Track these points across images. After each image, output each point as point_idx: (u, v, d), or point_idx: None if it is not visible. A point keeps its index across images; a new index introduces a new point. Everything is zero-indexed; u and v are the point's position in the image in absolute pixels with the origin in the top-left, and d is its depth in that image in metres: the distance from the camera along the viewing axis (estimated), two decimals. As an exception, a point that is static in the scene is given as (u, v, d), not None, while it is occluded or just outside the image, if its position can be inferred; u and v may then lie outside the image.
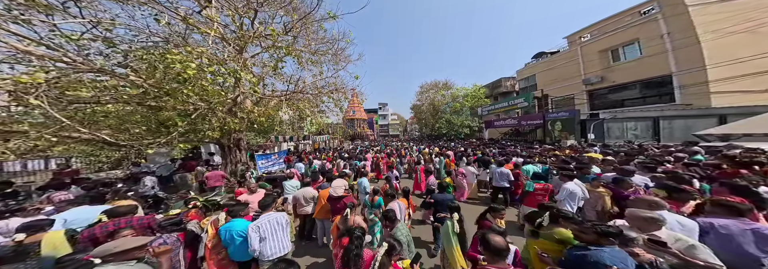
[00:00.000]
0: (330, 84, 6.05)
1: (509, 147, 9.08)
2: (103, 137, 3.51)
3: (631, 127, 10.91)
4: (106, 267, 1.33)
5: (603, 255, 1.42)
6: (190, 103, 3.98)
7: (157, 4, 3.83)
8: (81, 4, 3.62)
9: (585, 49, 13.61)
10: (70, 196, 3.59)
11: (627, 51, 12.16)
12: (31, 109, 3.56)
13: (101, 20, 3.60)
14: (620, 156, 4.90)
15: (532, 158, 5.65)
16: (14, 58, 3.59)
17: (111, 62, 4.05)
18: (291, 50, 4.60)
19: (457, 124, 21.49)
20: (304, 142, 14.00)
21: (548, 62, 16.14)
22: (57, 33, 3.50)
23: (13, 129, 3.31)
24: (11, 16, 2.99)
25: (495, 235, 1.48)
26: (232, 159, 5.48)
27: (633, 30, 11.30)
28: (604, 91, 13.11)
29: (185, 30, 4.39)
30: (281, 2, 5.12)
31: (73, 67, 3.53)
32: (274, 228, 2.17)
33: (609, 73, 12.61)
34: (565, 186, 3.15)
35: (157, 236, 1.96)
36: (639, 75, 11.33)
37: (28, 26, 3.31)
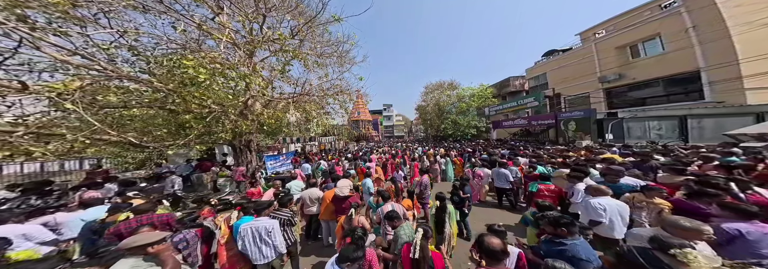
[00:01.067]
0: (335, 86, 6.18)
1: (520, 149, 8.81)
2: (130, 139, 3.78)
3: (654, 126, 10.27)
4: (128, 260, 1.45)
5: (577, 249, 1.53)
6: (204, 106, 4.20)
7: (174, 12, 4.10)
8: (109, 16, 3.95)
9: (600, 45, 13.02)
10: (99, 195, 3.90)
11: (647, 47, 11.51)
12: (68, 113, 3.91)
13: (127, 30, 3.91)
14: (636, 157, 4.63)
15: (539, 158, 5.45)
16: (54, 67, 3.98)
17: (135, 69, 4.37)
18: (297, 53, 4.76)
19: (463, 125, 21.14)
20: (311, 144, 14.30)
21: (560, 60, 15.54)
22: (90, 43, 3.82)
23: (53, 132, 3.63)
24: (51, 29, 3.30)
25: (491, 237, 1.44)
26: (243, 160, 5.71)
27: (654, 25, 10.70)
28: (623, 89, 12.44)
29: (200, 36, 4.66)
30: (288, 7, 5.30)
31: (104, 74, 3.84)
32: (254, 235, 2.15)
33: (628, 70, 11.96)
34: (578, 188, 3.04)
35: (178, 232, 2.10)
36: (662, 71, 10.67)
37: (65, 38, 3.64)
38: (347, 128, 19.33)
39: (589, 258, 1.49)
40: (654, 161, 4.09)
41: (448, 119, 22.46)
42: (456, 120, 21.68)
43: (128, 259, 1.46)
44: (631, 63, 11.93)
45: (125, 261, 1.46)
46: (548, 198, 3.22)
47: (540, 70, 17.55)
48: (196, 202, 3.37)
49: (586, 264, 1.47)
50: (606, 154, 5.42)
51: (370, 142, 25.16)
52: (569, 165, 4.32)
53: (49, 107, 3.99)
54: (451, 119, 22.12)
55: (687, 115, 9.26)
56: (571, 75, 14.41)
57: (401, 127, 49.20)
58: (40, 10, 3.18)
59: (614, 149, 6.67)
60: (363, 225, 2.26)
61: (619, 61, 12.27)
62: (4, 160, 3.29)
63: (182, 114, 4.53)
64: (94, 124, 3.18)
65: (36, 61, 3.86)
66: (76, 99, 3.09)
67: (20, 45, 3.14)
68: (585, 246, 1.58)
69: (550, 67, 16.34)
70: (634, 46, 11.90)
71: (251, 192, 3.64)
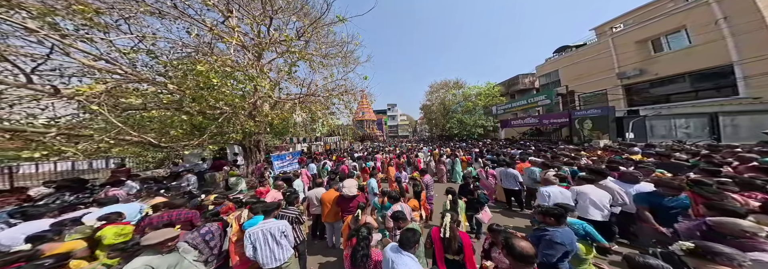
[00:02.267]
0: (339, 86, 6.23)
1: (530, 148, 8.50)
2: (149, 139, 3.97)
3: (681, 124, 9.62)
4: (140, 257, 1.53)
5: (556, 234, 1.73)
6: (216, 107, 4.36)
7: (188, 17, 4.27)
8: (129, 22, 4.17)
9: (618, 40, 12.33)
10: (123, 192, 4.15)
11: (671, 40, 10.78)
12: (94, 115, 4.17)
13: (146, 35, 4.12)
14: (658, 157, 4.34)
15: (554, 159, 5.20)
16: (82, 72, 4.25)
17: (153, 72, 4.59)
18: (303, 54, 4.83)
19: (469, 124, 20.60)
20: (316, 144, 14.49)
21: (574, 56, 14.83)
22: (112, 48, 4.05)
23: (81, 133, 3.89)
24: (78, 35, 3.53)
25: (520, 240, 1.39)
26: (252, 160, 5.89)
27: (679, 17, 10.01)
28: (644, 85, 11.73)
29: (211, 40, 4.83)
30: (294, 9, 5.40)
31: (125, 77, 4.07)
32: (266, 238, 2.06)
33: (650, 66, 11.27)
34: (580, 190, 2.85)
35: (203, 225, 2.24)
36: (689, 66, 9.96)
37: (91, 44, 3.88)
38: (352, 128, 19.45)
39: (564, 242, 1.70)
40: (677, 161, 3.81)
41: (454, 118, 22.03)
42: (462, 119, 21.22)
43: (150, 255, 1.54)
44: (654, 58, 11.21)
45: (143, 256, 1.54)
46: None
47: (551, 66, 16.85)
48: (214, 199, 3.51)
49: (559, 246, 1.68)
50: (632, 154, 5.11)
51: (375, 142, 25.15)
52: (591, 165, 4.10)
53: (78, 109, 4.27)
54: (457, 118, 21.68)
55: (718, 112, 8.60)
56: (586, 71, 13.74)
57: (405, 127, 49.05)
58: (68, 17, 3.40)
59: (636, 149, 6.29)
60: (369, 224, 2.26)
61: (640, 56, 11.58)
62: (40, 159, 3.56)
63: (196, 115, 4.72)
64: (117, 126, 3.36)
65: (66, 67, 4.15)
66: (101, 101, 3.29)
67: (52, 51, 3.38)
68: (565, 233, 1.78)
69: (563, 64, 15.66)
70: (656, 39, 11.18)
71: (260, 191, 3.73)
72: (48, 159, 3.67)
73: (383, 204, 2.93)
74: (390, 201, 2.68)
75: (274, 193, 3.31)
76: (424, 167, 6.45)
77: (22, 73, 3.00)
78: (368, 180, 4.04)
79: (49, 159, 4.55)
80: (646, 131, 9.94)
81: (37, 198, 4.08)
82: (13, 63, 2.88)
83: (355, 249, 1.70)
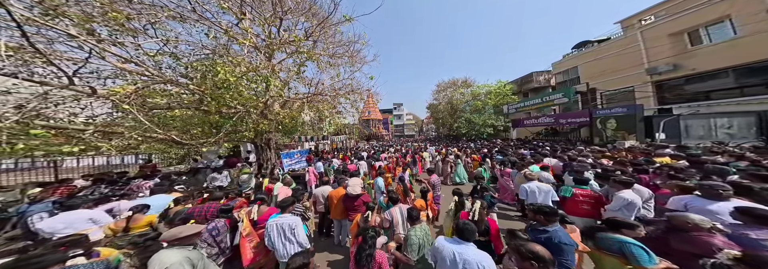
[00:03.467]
0: (346, 85, 6.27)
1: (545, 148, 8.07)
2: (173, 137, 4.24)
3: (722, 124, 8.73)
4: (171, 250, 1.61)
5: (559, 234, 1.73)
6: (231, 106, 4.57)
7: (206, 20, 4.51)
8: (155, 26, 4.47)
9: (648, 33, 11.36)
10: (151, 184, 4.50)
11: (712, 31, 9.78)
12: (126, 114, 4.52)
13: (169, 38, 4.39)
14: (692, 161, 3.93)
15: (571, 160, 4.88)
16: (115, 74, 4.63)
17: (176, 74, 4.89)
18: (311, 54, 4.93)
19: (478, 124, 19.90)
20: (323, 142, 14.76)
21: (596, 51, 13.84)
22: (140, 51, 4.37)
23: (114, 130, 4.23)
24: (111, 40, 3.84)
25: (533, 244, 1.41)
26: (263, 158, 6.11)
27: (722, 6, 9.05)
28: (678, 81, 10.74)
29: (227, 42, 5.07)
30: (302, 9, 5.51)
31: (152, 79, 4.37)
32: (279, 232, 2.20)
33: (686, 60, 10.30)
34: (621, 195, 2.69)
35: (210, 221, 2.34)
36: (735, 59, 8.92)
37: (123, 48, 4.21)
38: (358, 127, 19.56)
39: (571, 242, 1.71)
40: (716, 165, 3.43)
41: (462, 118, 21.40)
42: (470, 118, 20.53)
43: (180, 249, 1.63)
44: (691, 51, 10.23)
45: (176, 250, 1.62)
46: (586, 205, 2.90)
47: (570, 63, 15.85)
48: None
49: (568, 248, 1.67)
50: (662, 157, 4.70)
51: (381, 141, 25.15)
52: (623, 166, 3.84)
53: (112, 109, 4.66)
54: (465, 118, 21.02)
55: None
56: (609, 67, 12.81)
57: (412, 126, 48.73)
58: (103, 23, 3.70)
59: (668, 150, 5.77)
60: (379, 225, 2.27)
61: (674, 50, 10.61)
62: (79, 154, 3.93)
63: (214, 114, 4.98)
64: (145, 124, 3.62)
65: (101, 69, 4.53)
66: (131, 101, 3.55)
67: (90, 55, 3.70)
68: (564, 232, 1.79)
69: (584, 60, 14.69)
70: (694, 31, 10.19)
71: (269, 188, 3.85)
72: (86, 153, 4.03)
73: (388, 203, 2.92)
74: (390, 203, 2.67)
75: (284, 189, 3.40)
76: (431, 167, 6.37)
77: (65, 75, 3.31)
78: (376, 178, 4.05)
79: (87, 154, 5.00)
80: (679, 131, 9.11)
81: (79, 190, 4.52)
82: (58, 66, 3.18)
83: (361, 248, 1.72)
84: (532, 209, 1.95)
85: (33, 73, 3.60)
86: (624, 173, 3.46)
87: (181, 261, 1.52)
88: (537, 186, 3.08)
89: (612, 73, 12.67)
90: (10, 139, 2.82)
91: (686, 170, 3.41)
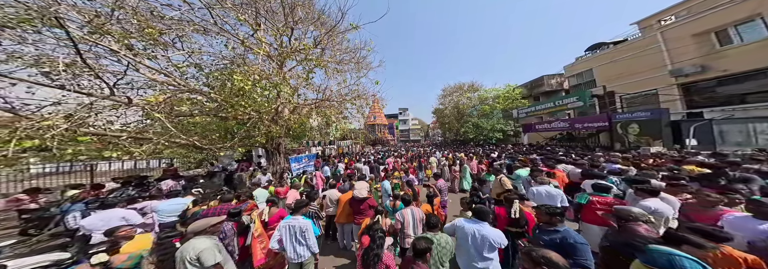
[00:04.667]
0: (353, 91, 6.45)
1: (559, 154, 7.68)
2: (194, 142, 4.55)
3: (763, 129, 7.97)
4: (200, 239, 1.77)
5: (571, 233, 1.77)
6: (246, 113, 4.85)
7: (226, 32, 4.93)
8: (182, 40, 4.93)
9: (669, 33, 10.81)
10: (172, 185, 4.82)
11: (743, 31, 9.16)
12: (154, 121, 4.93)
13: (194, 50, 4.82)
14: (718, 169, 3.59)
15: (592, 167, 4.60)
16: (147, 85, 5.10)
17: (199, 83, 5.31)
18: (319, 61, 5.18)
19: (486, 128, 19.34)
20: (330, 147, 15.01)
21: (612, 53, 13.24)
22: (169, 63, 4.81)
23: (144, 137, 4.62)
24: (146, 54, 4.28)
25: (547, 251, 1.36)
26: (274, 162, 6.34)
27: (751, 3, 8.51)
28: (709, 83, 10.00)
29: (244, 52, 5.45)
30: (312, 19, 5.85)
31: (179, 88, 4.77)
32: (291, 233, 2.25)
33: (715, 61, 9.64)
34: (645, 204, 2.53)
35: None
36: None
37: (155, 60, 4.66)
38: (364, 132, 19.71)
39: (584, 241, 1.72)
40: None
41: (469, 122, 20.91)
42: (478, 123, 20.04)
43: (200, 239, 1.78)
44: (719, 52, 9.59)
45: (205, 238, 1.79)
46: (604, 212, 2.75)
47: (584, 66, 15.24)
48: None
49: (583, 246, 1.65)
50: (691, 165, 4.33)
51: (386, 146, 25.10)
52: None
53: (142, 117, 5.10)
54: (473, 122, 20.52)
55: (816, 114, 6.98)
56: (627, 70, 12.19)
57: (417, 131, 48.31)
58: (140, 39, 4.16)
59: (700, 157, 5.33)
60: (389, 227, 2.29)
61: (700, 51, 9.98)
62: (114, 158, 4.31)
63: (230, 120, 5.30)
64: (171, 130, 3.94)
65: (136, 80, 5.02)
66: (161, 109, 3.90)
67: (128, 68, 4.14)
68: (574, 231, 1.82)
69: (599, 62, 14.08)
70: (721, 31, 9.60)
71: (278, 191, 3.97)
72: (120, 158, 4.41)
73: (395, 207, 2.93)
74: (403, 203, 2.67)
75: (292, 193, 3.51)
76: (437, 171, 6.29)
77: (107, 86, 3.72)
78: (382, 182, 4.07)
79: (121, 158, 5.45)
80: (713, 137, 8.40)
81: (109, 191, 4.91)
82: (102, 79, 3.59)
83: (369, 248, 1.74)
84: (544, 211, 1.97)
85: (79, 85, 4.05)
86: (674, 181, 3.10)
87: (210, 247, 1.72)
88: (546, 190, 3.11)
89: (631, 76, 12.04)
90: (60, 145, 3.16)
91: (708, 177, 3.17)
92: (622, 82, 12.33)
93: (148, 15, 4.27)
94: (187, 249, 1.68)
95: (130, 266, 1.78)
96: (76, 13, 3.47)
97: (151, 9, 4.30)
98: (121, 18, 4.00)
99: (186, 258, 1.64)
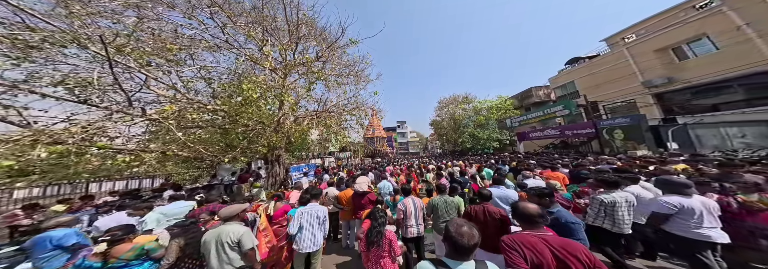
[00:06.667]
0: (352, 103, 6.82)
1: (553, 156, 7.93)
2: (200, 150, 4.70)
3: (734, 133, 8.54)
4: (233, 224, 1.88)
5: (564, 214, 1.87)
6: (249, 125, 5.09)
7: (235, 48, 5.44)
8: (194, 57, 5.38)
9: (634, 49, 12.15)
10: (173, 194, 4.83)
11: (695, 47, 10.42)
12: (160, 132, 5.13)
13: (203, 66, 5.25)
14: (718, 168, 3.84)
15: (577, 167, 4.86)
16: (156, 100, 5.42)
17: (207, 95, 5.66)
18: (320, 74, 5.63)
19: (483, 138, 19.91)
20: (328, 160, 14.99)
21: (589, 66, 14.60)
22: (182, 78, 5.20)
23: (149, 149, 4.74)
24: (164, 70, 4.67)
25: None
26: (273, 173, 6.37)
27: (695, 25, 9.86)
28: (684, 94, 10.84)
29: (252, 66, 5.91)
30: (314, 35, 6.42)
31: (188, 102, 5.09)
32: (312, 220, 2.34)
33: (678, 73, 10.70)
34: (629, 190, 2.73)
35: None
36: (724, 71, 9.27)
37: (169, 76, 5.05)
38: (363, 144, 19.81)
39: (576, 220, 1.80)
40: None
41: (466, 133, 21.47)
42: (474, 133, 20.62)
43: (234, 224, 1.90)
44: (679, 65, 10.74)
45: (237, 224, 1.92)
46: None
47: (566, 78, 16.58)
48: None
49: (576, 226, 1.73)
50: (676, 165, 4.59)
51: (385, 158, 25.02)
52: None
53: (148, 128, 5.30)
54: (469, 133, 21.10)
55: (779, 118, 7.63)
56: (604, 81, 13.33)
57: (416, 144, 48.50)
58: (158, 56, 4.58)
59: (681, 158, 5.68)
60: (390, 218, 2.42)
61: (664, 64, 11.15)
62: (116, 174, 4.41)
63: (232, 133, 5.51)
64: (180, 138, 4.15)
65: (143, 97, 5.31)
66: (172, 119, 4.17)
67: (145, 83, 4.51)
68: (566, 211, 1.95)
69: (579, 75, 15.39)
70: (677, 48, 10.88)
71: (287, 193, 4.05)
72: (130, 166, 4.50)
73: (395, 201, 3.05)
74: (402, 195, 2.80)
75: (295, 193, 3.61)
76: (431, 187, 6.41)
77: (127, 98, 4.00)
78: (381, 182, 4.19)
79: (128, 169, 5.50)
80: (691, 141, 8.90)
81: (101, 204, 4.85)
82: (124, 92, 3.90)
83: (372, 226, 1.88)
84: (533, 193, 2.12)
85: (99, 100, 4.33)
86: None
87: (247, 231, 1.84)
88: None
89: (609, 86, 13.11)
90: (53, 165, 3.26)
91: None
92: (603, 92, 13.32)
93: (171, 33, 4.76)
94: (225, 233, 1.76)
95: (130, 258, 1.75)
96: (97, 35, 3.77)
97: (175, 27, 4.84)
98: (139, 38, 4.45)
99: (226, 241, 1.73)
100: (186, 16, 4.92)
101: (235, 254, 1.75)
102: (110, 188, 8.49)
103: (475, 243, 1.08)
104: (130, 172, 8.24)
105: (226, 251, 1.73)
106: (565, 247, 1.16)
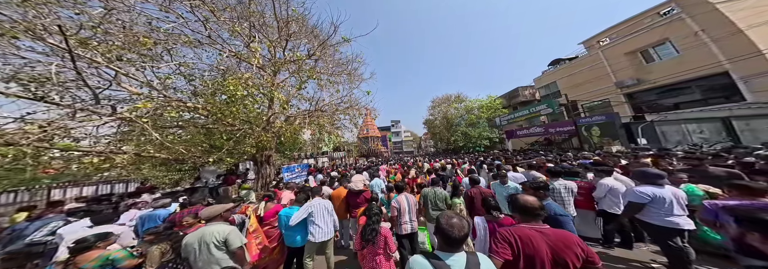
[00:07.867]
0: (345, 102, 6.64)
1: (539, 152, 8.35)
2: (180, 150, 4.41)
3: (693, 129, 9.42)
4: (218, 224, 1.80)
5: (553, 207, 1.91)
6: (235, 124, 4.84)
7: (219, 44, 5.13)
8: (171, 52, 5.03)
9: (607, 52, 13.06)
10: (147, 200, 4.50)
11: (659, 51, 11.36)
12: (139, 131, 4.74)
13: (182, 63, 4.91)
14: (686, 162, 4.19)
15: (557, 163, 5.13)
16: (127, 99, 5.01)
17: (188, 93, 5.30)
18: (312, 73, 5.45)
19: (474, 137, 20.61)
20: (322, 160, 14.70)
21: (569, 68, 15.56)
22: (159, 74, 4.83)
23: (120, 151, 4.39)
24: (138, 65, 4.32)
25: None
26: (263, 175, 6.12)
27: (659, 30, 10.76)
28: (650, 95, 11.82)
29: (238, 63, 5.59)
30: (305, 32, 6.17)
31: (166, 101, 4.76)
32: (322, 212, 2.45)
33: (645, 75, 11.64)
34: (602, 183, 2.93)
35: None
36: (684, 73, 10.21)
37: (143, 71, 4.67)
38: (357, 144, 19.66)
39: (564, 213, 1.88)
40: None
41: (458, 131, 22.10)
42: (466, 132, 21.28)
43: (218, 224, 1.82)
44: (647, 67, 11.67)
45: (222, 223, 1.84)
46: (579, 196, 3.06)
47: (549, 78, 17.53)
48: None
49: (565, 218, 1.78)
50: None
51: (379, 158, 25.09)
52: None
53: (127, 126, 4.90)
54: (461, 131, 21.74)
55: (730, 116, 8.51)
56: (583, 81, 14.25)
57: (410, 143, 48.89)
58: (129, 50, 4.22)
59: (649, 153, 6.18)
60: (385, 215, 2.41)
61: (633, 66, 12.07)
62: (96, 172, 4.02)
63: (216, 134, 5.21)
64: (157, 138, 3.86)
65: (114, 95, 4.91)
66: (148, 116, 3.87)
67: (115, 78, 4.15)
68: (556, 204, 2.03)
69: (560, 75, 16.32)
70: (644, 51, 11.81)
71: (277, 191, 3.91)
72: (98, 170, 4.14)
73: (389, 199, 3.04)
74: (396, 193, 2.81)
75: (286, 193, 3.50)
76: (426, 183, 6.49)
77: (94, 96, 3.65)
78: (373, 180, 4.17)
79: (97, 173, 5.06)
80: (657, 137, 9.72)
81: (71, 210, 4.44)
82: (90, 88, 3.56)
83: (367, 224, 1.85)
84: (529, 186, 2.20)
85: (61, 98, 3.93)
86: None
87: (236, 230, 1.77)
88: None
89: (587, 86, 14.03)
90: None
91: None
92: (582, 92, 14.21)
93: (145, 26, 4.39)
94: (209, 233, 1.67)
95: (94, 267, 1.63)
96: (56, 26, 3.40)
97: (149, 19, 4.48)
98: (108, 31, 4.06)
99: (211, 241, 1.64)
100: (162, 8, 4.57)
101: (221, 254, 1.66)
102: (77, 194, 7.80)
103: (465, 234, 1.11)
104: (100, 176, 7.61)
105: (212, 251, 1.64)
106: (562, 240, 1.19)
